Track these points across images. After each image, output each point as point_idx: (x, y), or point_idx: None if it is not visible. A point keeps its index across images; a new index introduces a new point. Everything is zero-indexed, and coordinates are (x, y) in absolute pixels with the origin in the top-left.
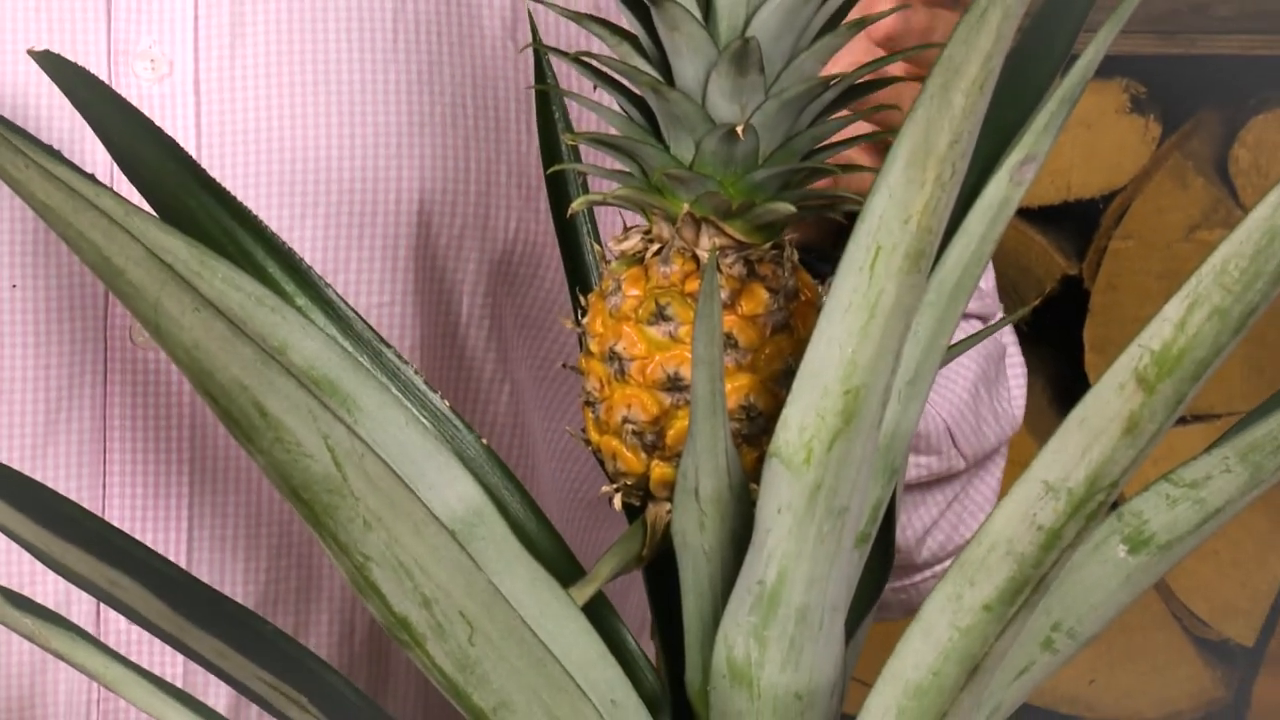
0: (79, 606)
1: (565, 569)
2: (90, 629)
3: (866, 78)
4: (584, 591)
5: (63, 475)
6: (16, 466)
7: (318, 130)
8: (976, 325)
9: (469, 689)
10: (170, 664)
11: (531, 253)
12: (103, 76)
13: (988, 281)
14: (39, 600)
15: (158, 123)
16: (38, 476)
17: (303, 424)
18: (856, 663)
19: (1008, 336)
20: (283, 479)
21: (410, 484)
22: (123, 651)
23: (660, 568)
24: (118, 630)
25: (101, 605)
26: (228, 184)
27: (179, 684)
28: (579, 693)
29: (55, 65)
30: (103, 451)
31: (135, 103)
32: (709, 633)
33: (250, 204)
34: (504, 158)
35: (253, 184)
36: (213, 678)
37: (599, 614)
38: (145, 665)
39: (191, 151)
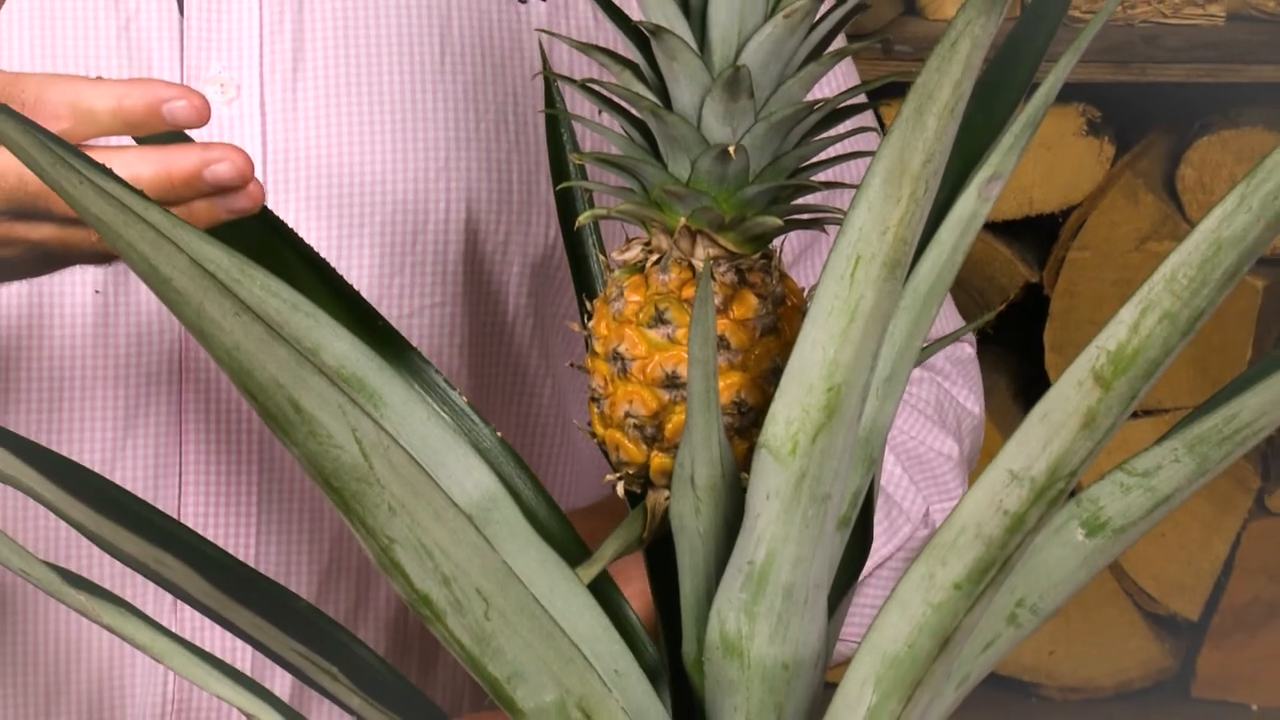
0: (153, 600)
1: (573, 550)
2: (164, 619)
3: (847, 103)
4: (590, 571)
5: (140, 474)
6: (96, 465)
7: (372, 147)
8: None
9: (485, 660)
10: (241, 655)
11: (556, 264)
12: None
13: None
14: (102, 584)
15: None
16: (116, 475)
17: (333, 418)
18: (838, 636)
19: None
20: (315, 468)
21: (431, 473)
22: (195, 641)
23: (659, 549)
24: (193, 626)
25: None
26: (292, 197)
27: (247, 671)
28: (585, 663)
29: None
30: (178, 450)
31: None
32: (704, 608)
33: (312, 216)
34: (543, 169)
35: (314, 197)
36: (278, 668)
37: (603, 591)
38: (216, 653)
39: (259, 168)
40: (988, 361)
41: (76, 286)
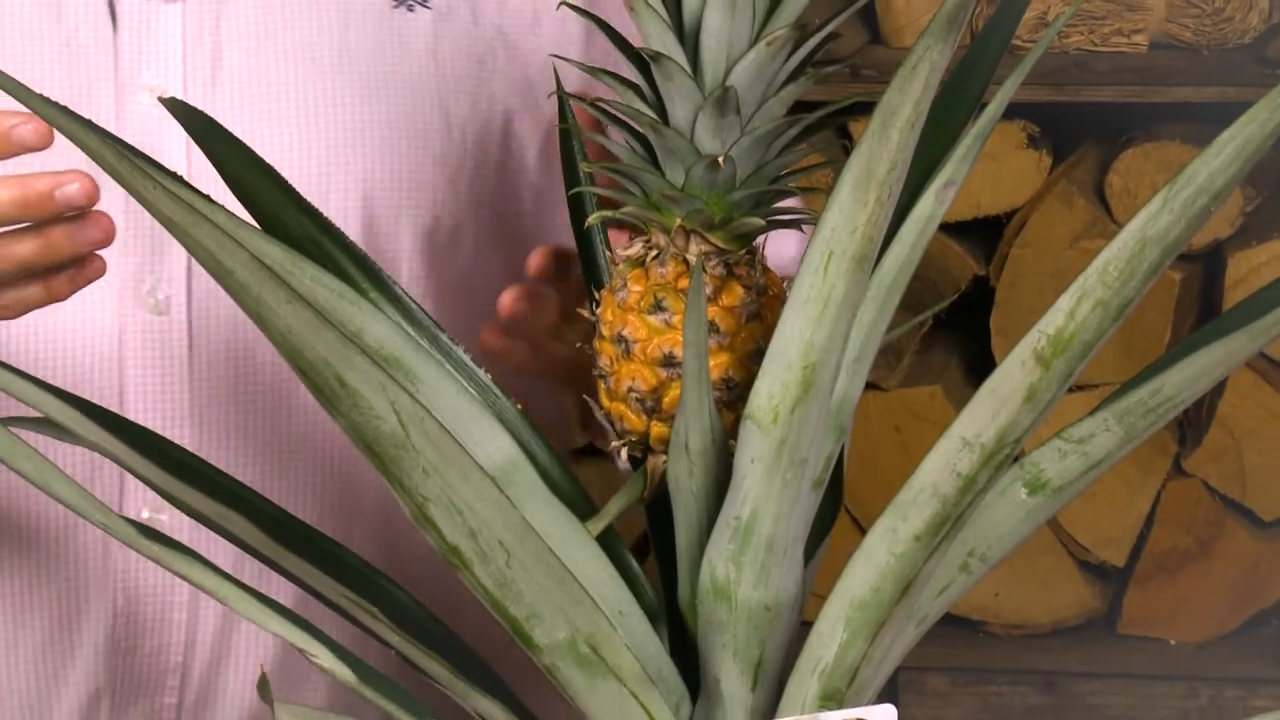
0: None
1: (583, 507)
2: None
3: (821, 113)
4: (597, 525)
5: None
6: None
7: (283, 140)
8: None
9: (506, 603)
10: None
11: (453, 228)
12: (113, 103)
13: None
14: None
15: (157, 141)
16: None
17: (374, 393)
18: (813, 581)
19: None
20: (358, 436)
21: (460, 440)
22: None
23: (658, 507)
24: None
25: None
26: (214, 187)
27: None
28: (594, 605)
29: (176, 108)
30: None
31: (138, 124)
32: (696, 558)
33: (232, 203)
34: (430, 155)
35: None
36: (279, 578)
37: (609, 543)
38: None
39: (184, 164)
40: (942, 344)
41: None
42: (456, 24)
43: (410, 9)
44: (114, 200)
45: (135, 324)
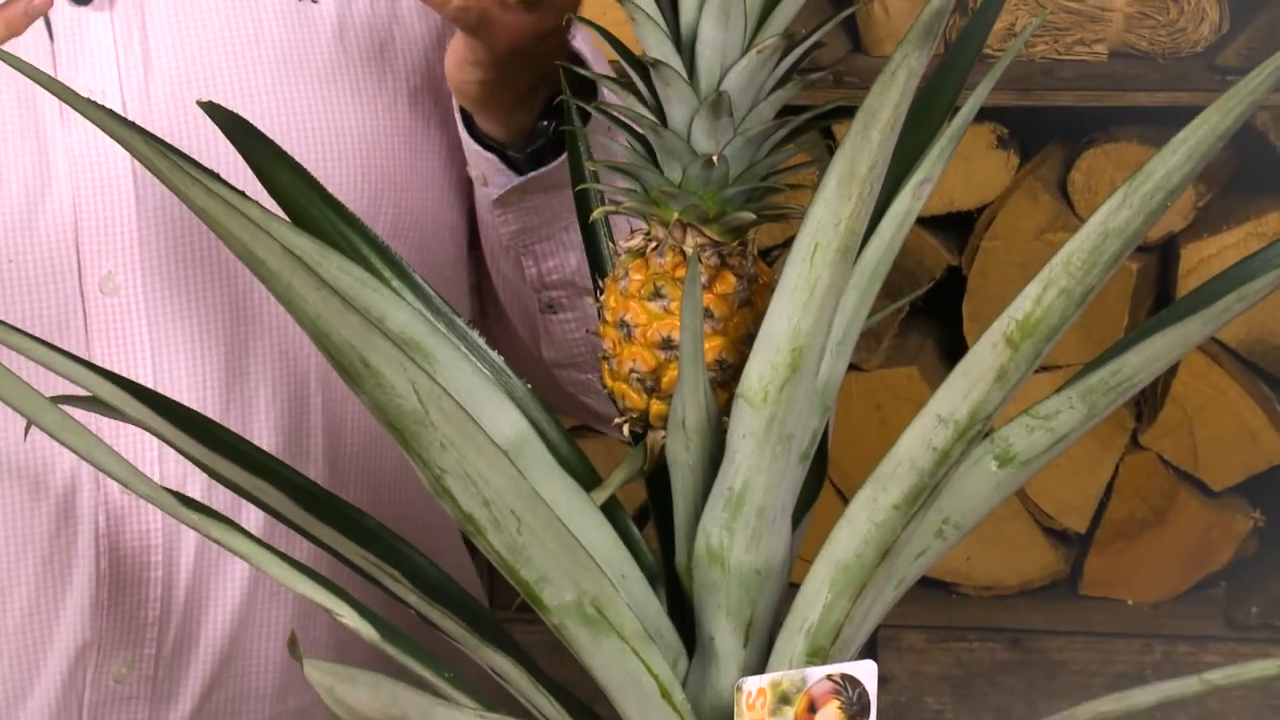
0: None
1: (588, 478)
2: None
3: (807, 116)
4: (601, 495)
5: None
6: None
7: (213, 133)
8: None
9: (518, 566)
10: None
11: (371, 201)
12: (57, 106)
13: None
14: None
15: (99, 142)
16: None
17: (396, 373)
18: (800, 546)
19: None
20: (381, 413)
21: (474, 416)
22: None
23: (657, 478)
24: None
25: (268, 521)
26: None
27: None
28: (598, 569)
29: (214, 111)
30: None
31: (81, 126)
32: (693, 526)
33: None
34: (346, 133)
35: None
36: (249, 507)
37: (612, 512)
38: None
39: (127, 161)
40: (919, 328)
41: None
42: (356, 12)
43: (314, 1)
44: None
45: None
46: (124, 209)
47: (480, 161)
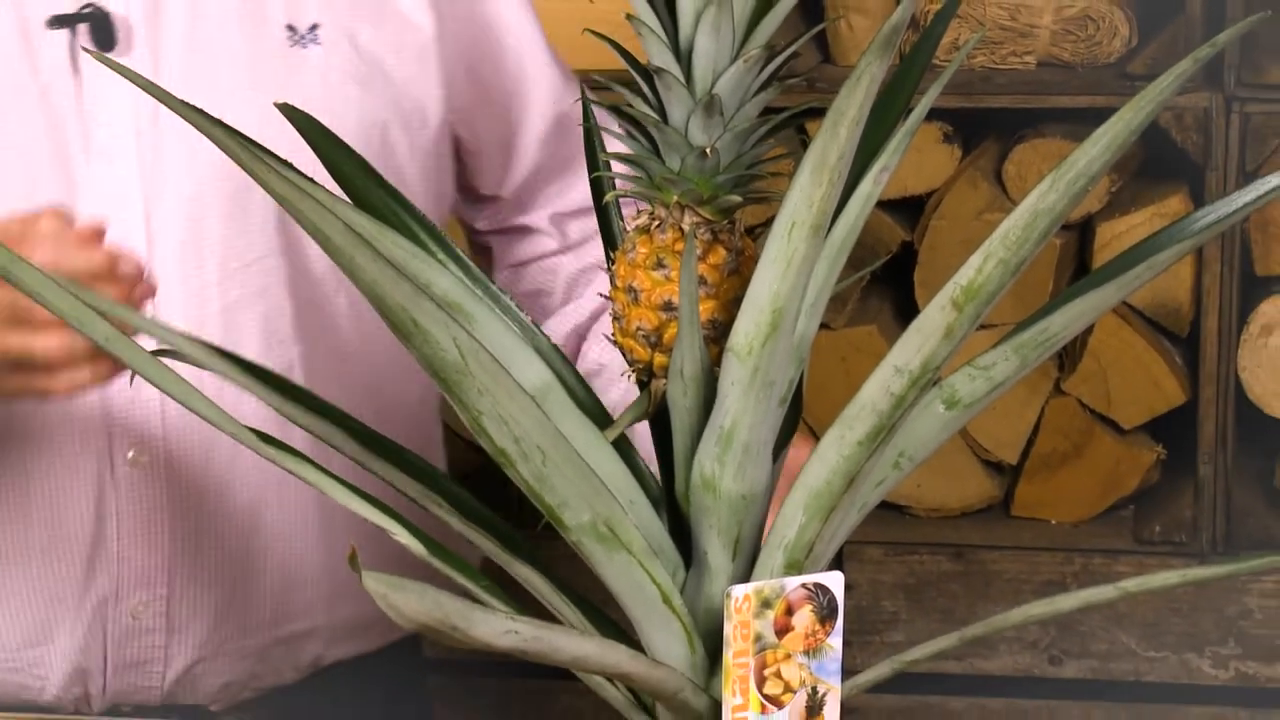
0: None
1: (601, 419)
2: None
3: (785, 115)
4: (612, 433)
5: None
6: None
7: (212, 152)
8: None
9: (543, 493)
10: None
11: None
12: (80, 135)
13: None
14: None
15: (112, 162)
16: None
17: (440, 331)
18: (779, 478)
19: None
20: (429, 365)
21: (506, 367)
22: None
23: (659, 419)
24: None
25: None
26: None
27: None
28: (610, 495)
29: (287, 111)
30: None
31: (99, 150)
32: (689, 459)
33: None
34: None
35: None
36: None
37: (622, 448)
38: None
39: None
40: (877, 294)
41: None
42: (340, 55)
43: (304, 46)
44: None
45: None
46: (138, 239)
47: None
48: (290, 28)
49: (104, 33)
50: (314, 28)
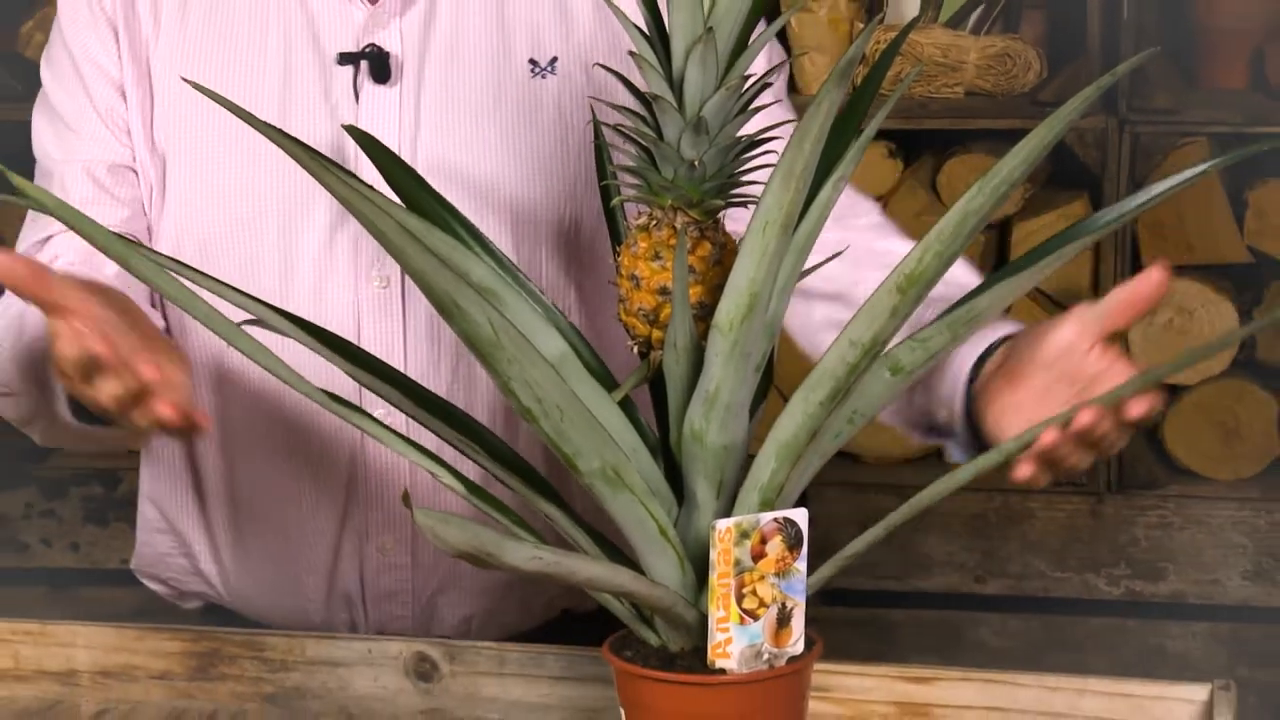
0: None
1: (609, 383)
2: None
3: (761, 137)
4: (618, 395)
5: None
6: None
7: (455, 165)
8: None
9: (560, 444)
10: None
11: (573, 225)
12: (354, 150)
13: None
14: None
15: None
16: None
17: (477, 311)
18: (755, 431)
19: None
20: (467, 339)
21: (530, 340)
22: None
23: (657, 383)
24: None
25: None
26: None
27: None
28: (615, 445)
29: (353, 132)
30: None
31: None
32: (681, 415)
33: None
34: (556, 177)
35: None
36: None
37: (626, 407)
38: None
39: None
40: None
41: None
42: (573, 83)
43: (543, 77)
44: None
45: (366, 295)
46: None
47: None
48: (532, 61)
49: (380, 68)
50: (553, 60)
